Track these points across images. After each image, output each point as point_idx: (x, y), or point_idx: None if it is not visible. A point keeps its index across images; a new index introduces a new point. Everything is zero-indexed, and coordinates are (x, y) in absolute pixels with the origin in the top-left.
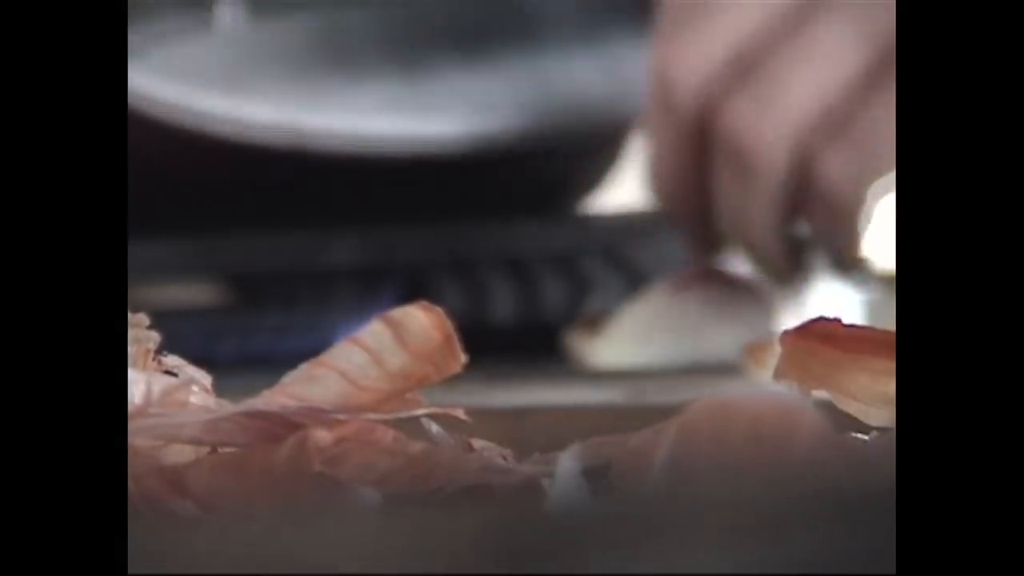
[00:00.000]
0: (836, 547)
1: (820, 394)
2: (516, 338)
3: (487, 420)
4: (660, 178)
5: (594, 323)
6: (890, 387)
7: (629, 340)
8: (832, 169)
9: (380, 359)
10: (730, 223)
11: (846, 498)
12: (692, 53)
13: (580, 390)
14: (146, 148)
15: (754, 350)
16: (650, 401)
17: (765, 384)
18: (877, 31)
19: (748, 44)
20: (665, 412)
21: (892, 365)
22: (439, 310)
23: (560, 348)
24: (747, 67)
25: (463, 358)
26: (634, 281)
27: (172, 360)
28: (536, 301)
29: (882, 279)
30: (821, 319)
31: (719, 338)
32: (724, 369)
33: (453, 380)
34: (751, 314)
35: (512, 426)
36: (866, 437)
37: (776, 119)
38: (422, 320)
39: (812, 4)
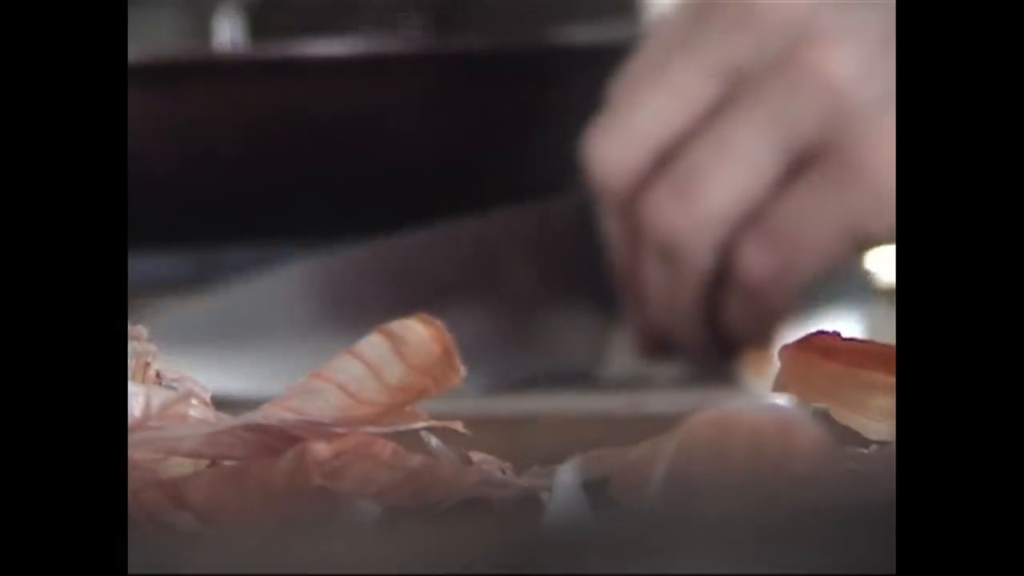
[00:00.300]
0: (835, 560)
1: (819, 407)
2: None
3: (486, 431)
4: (613, 258)
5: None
6: (889, 400)
7: None
8: (751, 264)
9: (379, 372)
10: (658, 312)
11: (845, 511)
12: (614, 148)
13: (579, 400)
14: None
15: (753, 360)
16: (650, 411)
17: (764, 397)
18: (795, 123)
19: (667, 138)
20: (665, 423)
21: (891, 379)
22: (438, 323)
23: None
24: (667, 159)
25: (462, 371)
26: None
27: (171, 373)
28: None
29: (881, 294)
30: (821, 333)
31: None
32: (722, 379)
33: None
34: None
35: (511, 437)
36: (866, 451)
37: (695, 212)
38: (421, 333)
39: (731, 94)
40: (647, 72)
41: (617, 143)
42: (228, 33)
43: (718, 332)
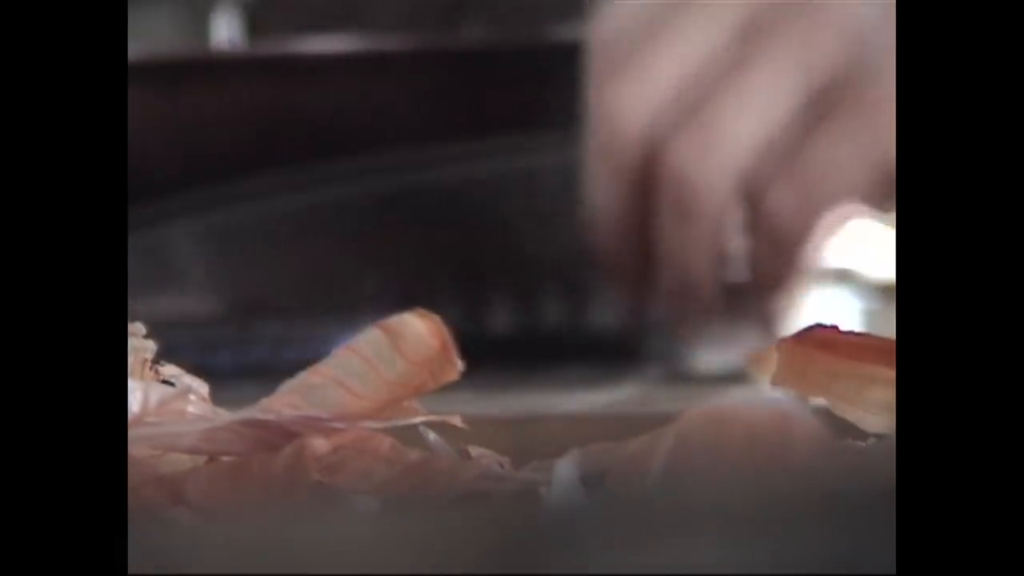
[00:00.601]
0: (834, 550)
1: (818, 401)
2: (514, 347)
3: (485, 428)
4: (604, 226)
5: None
6: (887, 394)
7: None
8: (775, 205)
9: (377, 367)
10: (669, 269)
11: (843, 503)
12: (634, 94)
13: (578, 398)
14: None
15: (757, 357)
16: (648, 409)
17: (763, 391)
18: (814, 65)
19: (688, 83)
20: (663, 420)
21: (889, 372)
22: (436, 318)
23: (557, 356)
24: (688, 106)
25: (460, 365)
26: None
27: (169, 369)
28: (533, 310)
29: (879, 289)
30: (819, 326)
31: None
32: (724, 376)
33: (450, 387)
34: None
35: (510, 434)
36: (863, 443)
37: (717, 157)
38: (419, 328)
39: (748, 40)
40: (660, 18)
41: (636, 84)
42: (226, 32)
43: (730, 287)
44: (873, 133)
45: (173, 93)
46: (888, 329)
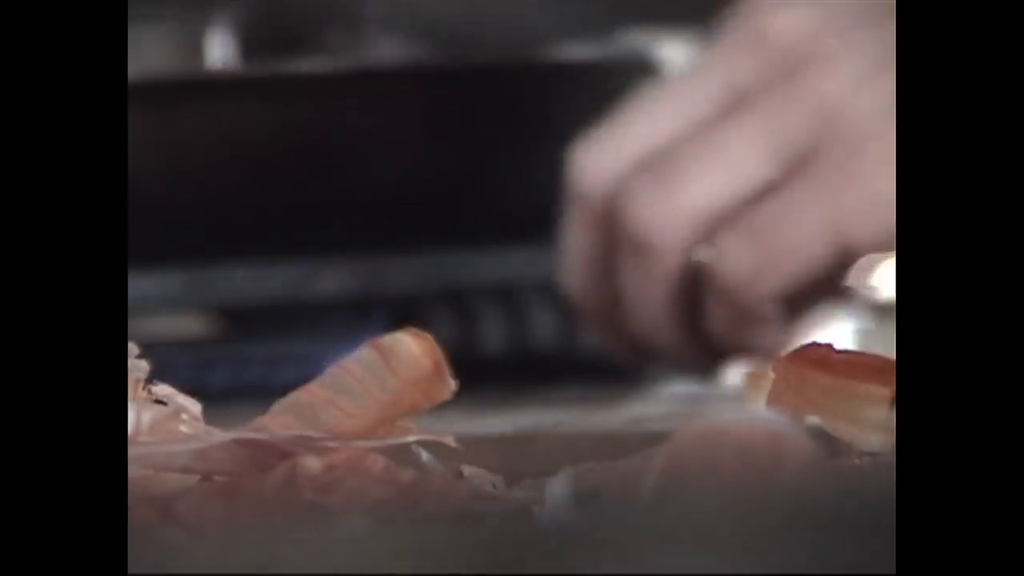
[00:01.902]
0: (827, 568)
1: (813, 420)
2: (506, 366)
3: (478, 447)
4: (572, 279)
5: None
6: (882, 412)
7: None
8: (729, 262)
9: (370, 386)
10: (636, 320)
11: (836, 521)
12: (603, 150)
13: (572, 417)
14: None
15: (754, 377)
16: (641, 428)
17: (756, 410)
18: (785, 137)
19: (658, 144)
20: (656, 439)
21: (884, 391)
22: (429, 337)
23: (550, 376)
24: (656, 163)
25: (453, 385)
26: None
27: (162, 389)
28: (526, 330)
29: (873, 308)
30: (814, 345)
31: None
32: (718, 396)
33: (444, 407)
34: None
35: (503, 453)
36: (857, 462)
37: (674, 207)
38: (412, 347)
39: (725, 111)
40: (647, 95)
41: (604, 149)
42: (220, 52)
43: (699, 338)
44: (835, 201)
45: (167, 113)
46: (882, 348)
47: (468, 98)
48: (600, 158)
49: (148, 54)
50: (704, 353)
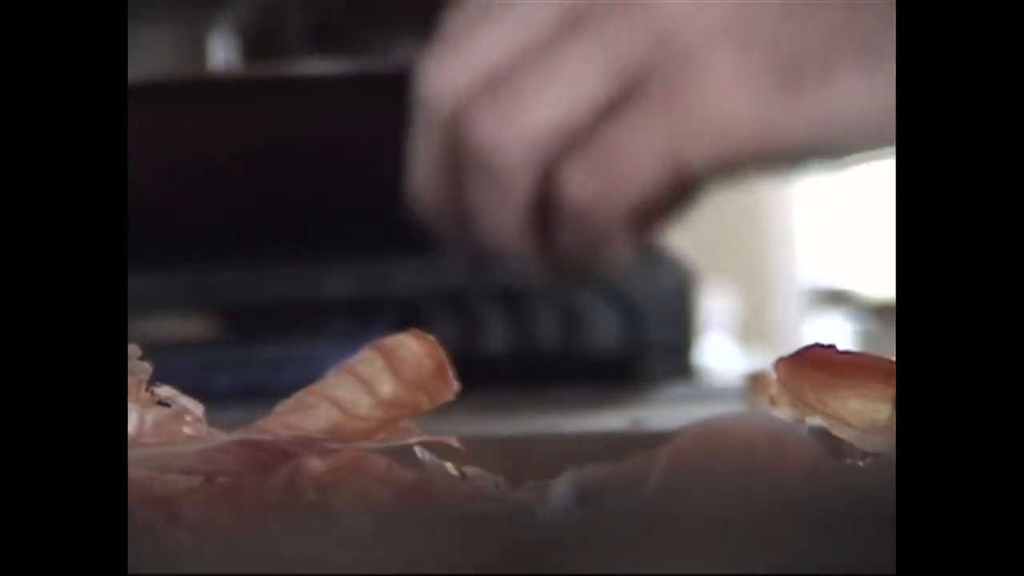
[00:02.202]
0: (828, 568)
1: (815, 420)
2: (509, 368)
3: (481, 448)
4: (421, 190)
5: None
6: (883, 413)
7: None
8: (572, 186)
9: (372, 388)
10: (487, 232)
11: (837, 521)
12: (447, 69)
13: (575, 418)
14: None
15: (756, 378)
16: (644, 429)
17: (758, 410)
18: (621, 56)
19: (499, 62)
20: (659, 439)
21: (886, 391)
22: (431, 338)
23: (553, 377)
24: (496, 83)
25: (456, 386)
26: (626, 314)
27: (165, 391)
28: (529, 331)
29: (874, 310)
30: (816, 346)
31: None
32: (723, 395)
33: (447, 408)
34: None
35: (506, 454)
36: (860, 463)
37: (515, 129)
38: (414, 348)
39: (564, 30)
40: (492, 7)
41: (450, 64)
42: (222, 54)
43: (550, 249)
44: (671, 123)
45: (171, 115)
46: (883, 350)
47: None
48: (445, 72)
49: (151, 56)
50: (556, 262)
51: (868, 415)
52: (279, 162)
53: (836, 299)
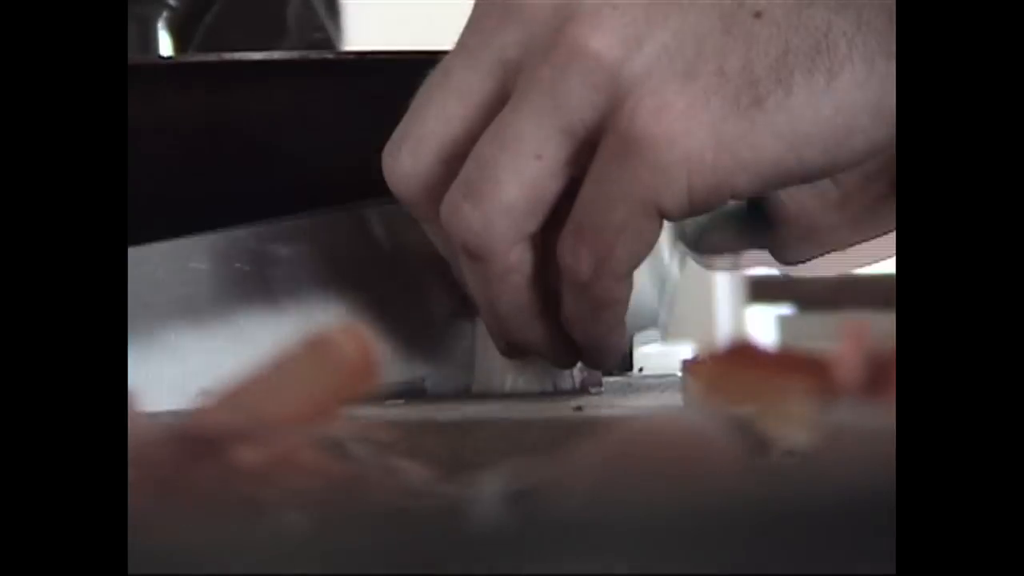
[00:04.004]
0: (750, 564)
1: (741, 415)
2: None
3: (421, 434)
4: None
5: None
6: (803, 407)
7: None
8: (570, 260)
9: (303, 380)
10: (491, 321)
11: (756, 522)
12: (404, 154)
13: (518, 405)
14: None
15: (692, 367)
16: (583, 416)
17: (687, 406)
18: (567, 106)
19: (451, 138)
20: (596, 426)
21: (807, 385)
22: (361, 329)
23: None
24: (455, 160)
25: (383, 378)
26: None
27: None
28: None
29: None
30: (740, 342)
31: None
32: (660, 383)
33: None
34: None
35: (446, 441)
36: (782, 460)
37: (489, 211)
38: (344, 340)
39: (503, 92)
40: (431, 80)
41: (404, 151)
42: (170, 44)
43: (558, 329)
44: (635, 173)
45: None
46: (804, 335)
47: (398, 86)
48: (403, 162)
49: None
50: (568, 342)
51: (789, 410)
52: (218, 147)
53: (766, 287)
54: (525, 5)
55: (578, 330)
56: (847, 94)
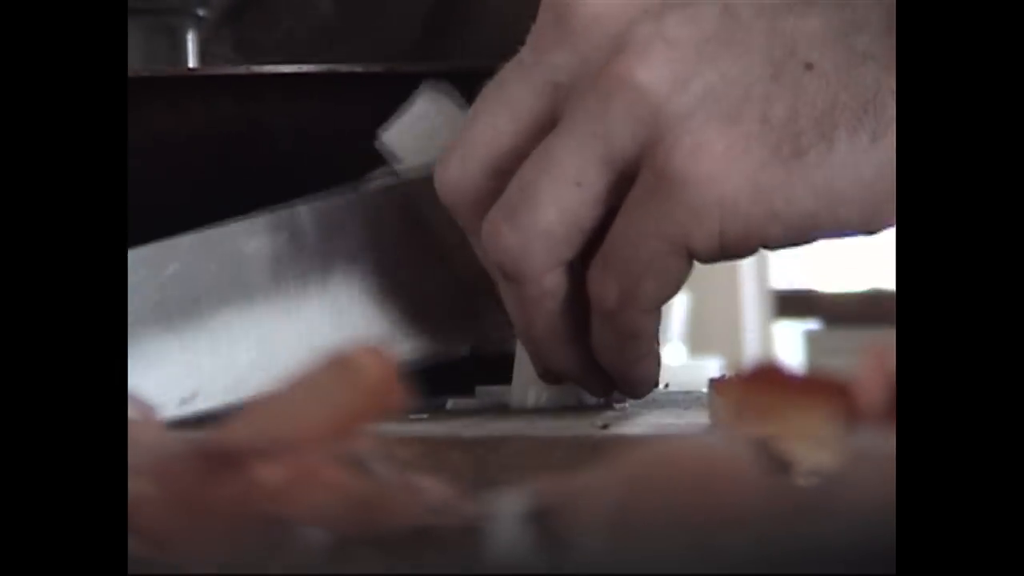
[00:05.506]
0: None
1: (764, 435)
2: (473, 370)
3: (445, 451)
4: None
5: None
6: (826, 430)
7: None
8: (598, 290)
9: (326, 398)
10: (523, 336)
11: (783, 548)
12: (453, 164)
13: (544, 421)
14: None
15: (720, 386)
16: (606, 433)
17: (709, 429)
18: (609, 137)
19: (499, 153)
20: (627, 444)
21: (831, 408)
22: (383, 349)
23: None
24: (502, 175)
25: (406, 398)
26: None
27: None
28: (487, 331)
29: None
30: (765, 364)
31: None
32: (685, 399)
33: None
34: None
35: (470, 457)
36: (805, 482)
37: (526, 234)
38: (366, 360)
39: (556, 114)
40: (487, 92)
41: (454, 159)
42: (198, 53)
43: (589, 355)
44: (669, 211)
45: (143, 109)
46: (830, 350)
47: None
48: (453, 172)
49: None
50: (602, 372)
51: (811, 432)
52: (248, 159)
53: (793, 302)
54: (581, 29)
55: (605, 359)
56: (890, 158)
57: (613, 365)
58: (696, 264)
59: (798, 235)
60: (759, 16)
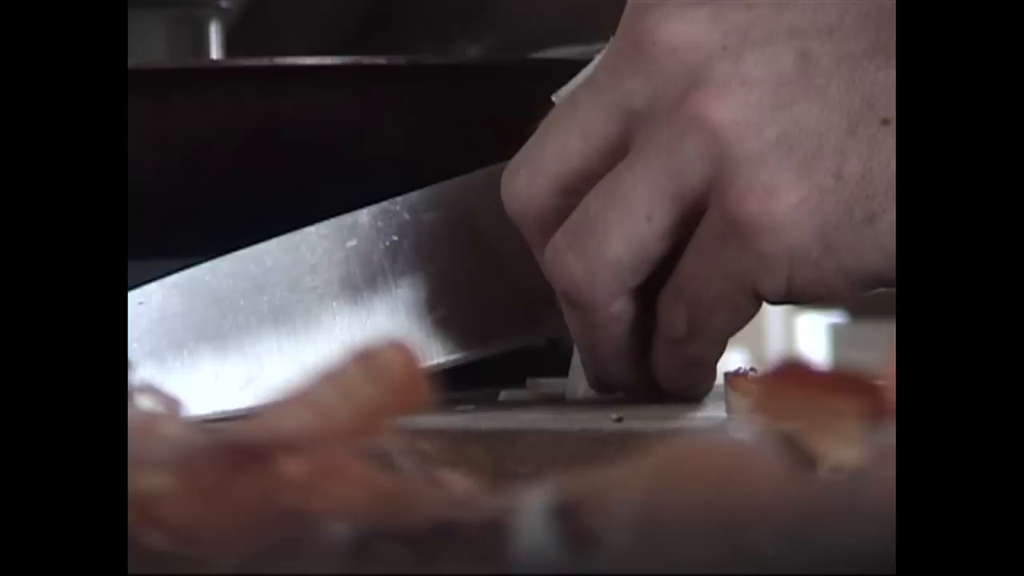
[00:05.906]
0: None
1: (790, 433)
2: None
3: (465, 444)
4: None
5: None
6: (852, 428)
7: None
8: (668, 317)
9: (351, 394)
10: (587, 362)
11: (809, 544)
12: (521, 179)
13: (560, 413)
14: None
15: (735, 381)
16: (627, 427)
17: (736, 424)
18: (680, 173)
19: (568, 173)
20: (641, 439)
21: (857, 405)
22: (408, 346)
23: (538, 374)
24: (569, 195)
25: (431, 394)
26: None
27: (144, 388)
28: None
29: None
30: (791, 360)
31: None
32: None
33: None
34: None
35: (489, 450)
36: (832, 479)
37: (590, 263)
38: (391, 356)
39: (627, 141)
40: (559, 109)
41: (522, 174)
42: (221, 46)
43: (650, 378)
44: (736, 255)
45: (163, 103)
46: (855, 344)
47: (461, 96)
48: (521, 187)
49: (148, 42)
50: (656, 386)
51: (838, 430)
52: (272, 151)
53: None
54: (658, 58)
55: (665, 380)
56: None
57: (672, 386)
58: None
59: (865, 289)
60: (839, 64)
